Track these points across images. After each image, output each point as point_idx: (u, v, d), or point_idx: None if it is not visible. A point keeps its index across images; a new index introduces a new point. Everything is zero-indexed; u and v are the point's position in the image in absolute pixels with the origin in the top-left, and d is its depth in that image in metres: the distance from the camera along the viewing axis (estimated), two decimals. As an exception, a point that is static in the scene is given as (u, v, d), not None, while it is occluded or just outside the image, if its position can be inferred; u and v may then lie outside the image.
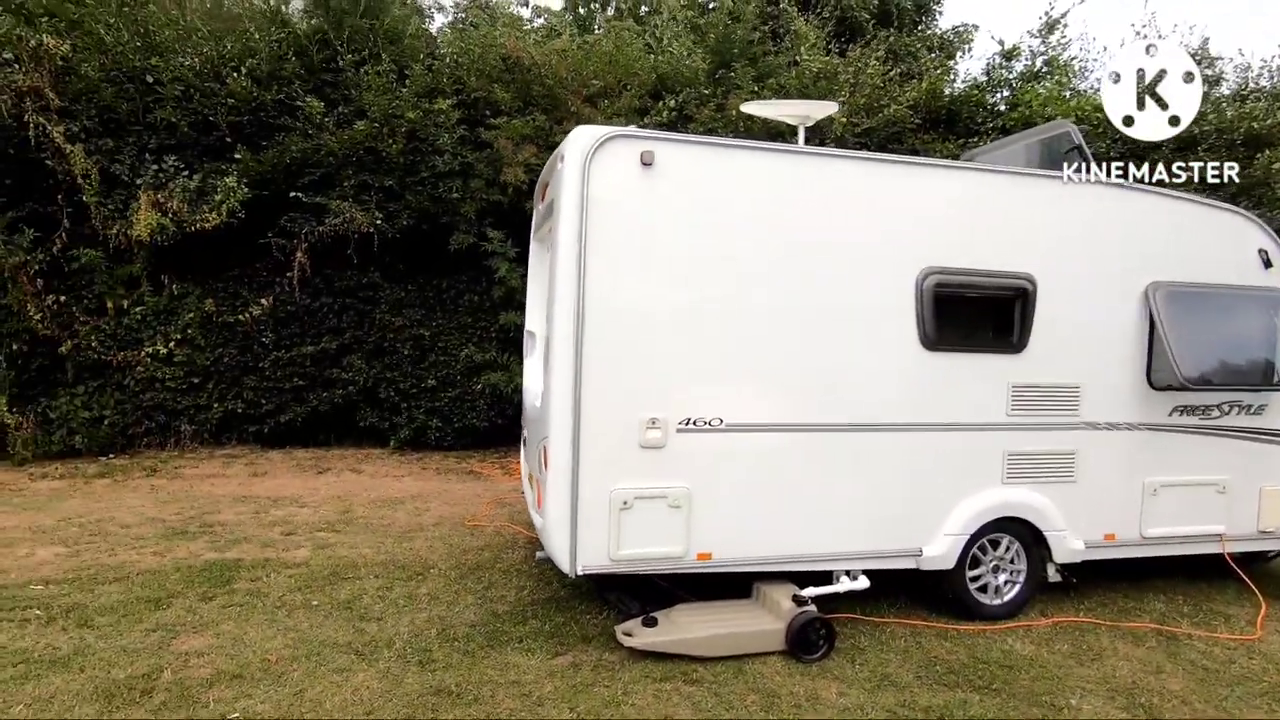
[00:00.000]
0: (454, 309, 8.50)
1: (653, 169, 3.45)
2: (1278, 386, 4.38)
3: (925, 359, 3.85)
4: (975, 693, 3.25)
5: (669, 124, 8.29)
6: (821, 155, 3.81)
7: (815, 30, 9.40)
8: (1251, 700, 3.28)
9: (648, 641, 3.45)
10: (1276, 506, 4.50)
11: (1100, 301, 4.16)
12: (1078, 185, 4.24)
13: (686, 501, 3.55)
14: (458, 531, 5.51)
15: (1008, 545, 4.12)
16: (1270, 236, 4.46)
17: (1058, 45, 9.56)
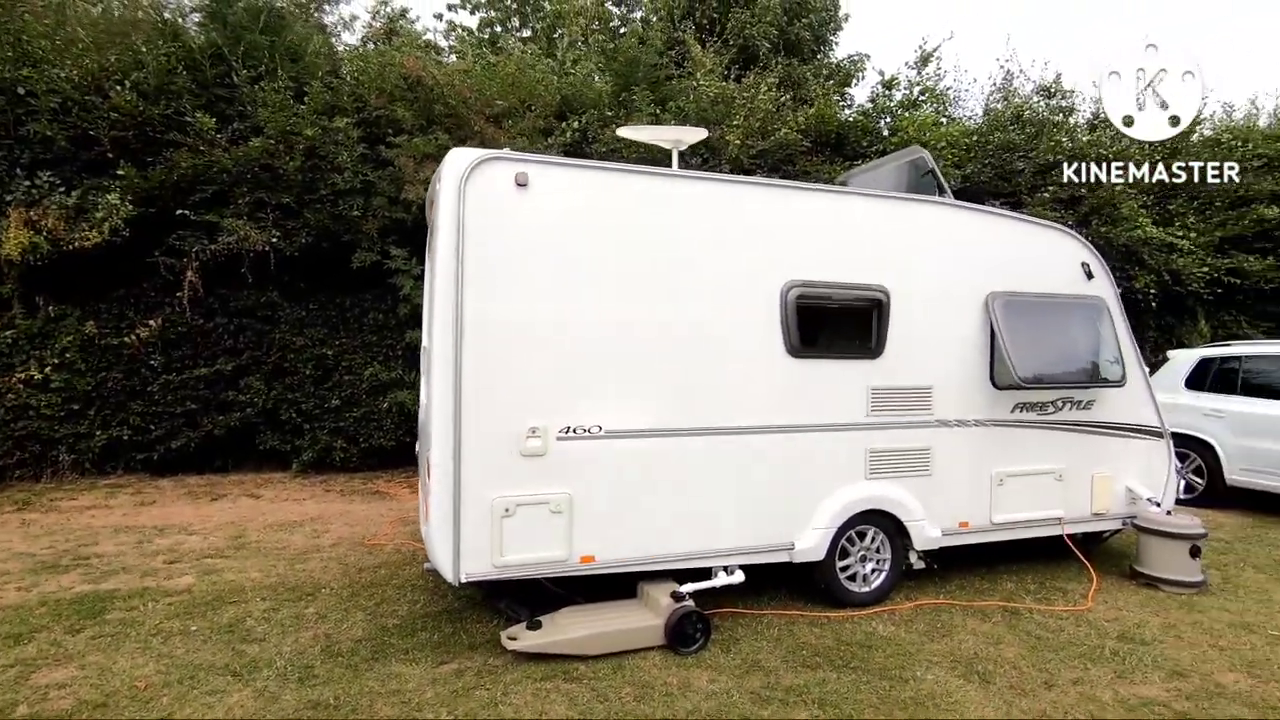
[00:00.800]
0: (358, 327, 8.39)
1: (527, 189, 3.62)
2: (1102, 383, 4.93)
3: (791, 365, 4.15)
4: (834, 671, 3.53)
5: (572, 144, 8.53)
6: (690, 177, 4.07)
7: (712, 57, 9.86)
8: (1070, 661, 3.69)
9: (531, 644, 3.56)
10: (1106, 491, 5.04)
11: (947, 310, 4.59)
12: (929, 204, 4.70)
13: (568, 507, 3.70)
14: (356, 551, 5.45)
15: (873, 536, 4.46)
16: (1091, 251, 5.04)
17: (932, 76, 10.37)
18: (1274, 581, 5.02)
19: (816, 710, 3.16)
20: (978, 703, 3.25)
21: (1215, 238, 9.93)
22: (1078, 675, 3.54)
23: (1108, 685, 3.44)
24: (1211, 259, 9.85)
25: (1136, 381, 5.10)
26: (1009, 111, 10.11)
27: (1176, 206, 10.05)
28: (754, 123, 8.94)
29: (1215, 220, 10.00)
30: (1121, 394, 5.03)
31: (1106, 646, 3.88)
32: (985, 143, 9.59)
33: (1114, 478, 5.07)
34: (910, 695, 3.31)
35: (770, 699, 3.25)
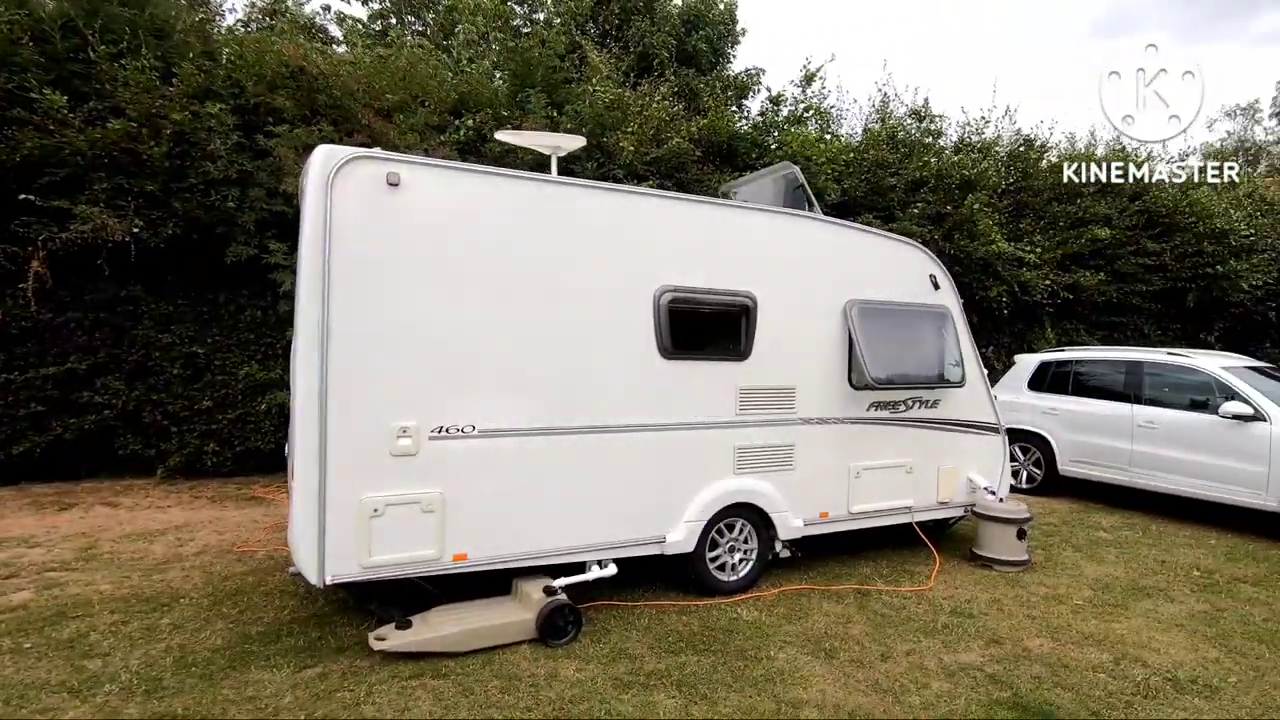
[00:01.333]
0: (234, 325, 7.96)
1: (400, 190, 3.63)
2: (946, 384, 5.45)
3: (663, 366, 4.35)
4: (695, 654, 3.74)
5: (466, 143, 8.46)
6: (566, 184, 4.18)
7: (608, 63, 10.03)
8: (907, 635, 4.09)
9: (400, 643, 3.57)
10: (950, 482, 5.57)
11: (810, 316, 4.95)
12: (794, 217, 5.03)
13: (440, 506, 3.73)
14: (223, 559, 5.21)
15: (740, 528, 4.74)
16: (938, 264, 5.55)
17: (816, 95, 11.00)
18: (1087, 559, 5.72)
19: (674, 691, 3.36)
20: (820, 675, 3.55)
21: (1058, 254, 11.08)
22: (910, 647, 3.93)
23: (934, 654, 3.84)
24: (1054, 273, 10.98)
25: (976, 383, 5.66)
26: (884, 132, 10.88)
27: (1025, 225, 11.13)
28: (648, 130, 9.18)
29: (1057, 239, 11.16)
30: (963, 394, 5.57)
31: (940, 621, 4.32)
32: (862, 160, 10.28)
33: (957, 469, 5.61)
34: (762, 672, 3.57)
35: (632, 684, 3.41)
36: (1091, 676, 3.63)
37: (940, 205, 10.37)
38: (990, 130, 11.81)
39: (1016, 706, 3.30)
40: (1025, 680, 3.57)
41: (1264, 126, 29.45)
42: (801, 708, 3.25)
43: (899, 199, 10.40)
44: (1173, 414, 7.09)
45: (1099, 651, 3.93)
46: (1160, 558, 5.79)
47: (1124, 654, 3.91)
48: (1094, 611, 4.54)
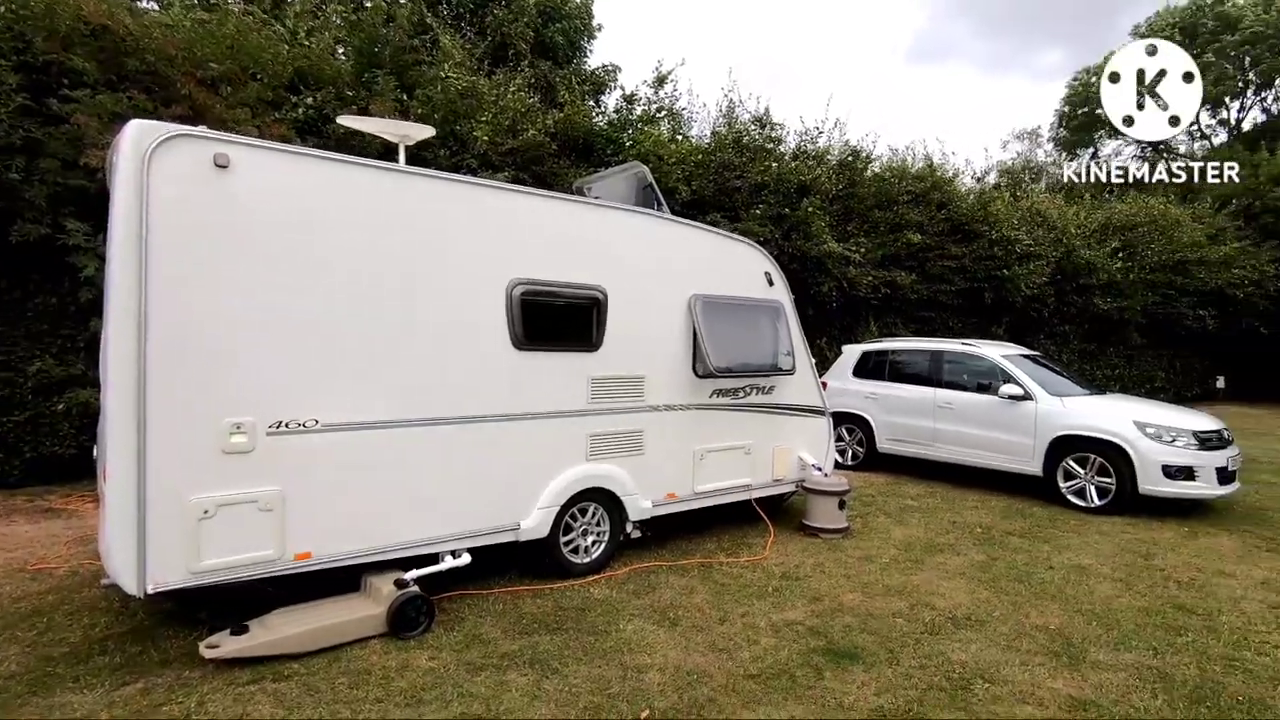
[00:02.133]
0: (19, 315, 6.95)
1: (229, 172, 3.42)
2: (780, 372, 5.98)
3: (517, 358, 4.44)
4: (548, 634, 3.90)
5: (306, 122, 7.96)
6: (415, 174, 4.14)
7: (462, 49, 9.82)
8: (743, 600, 4.50)
9: (235, 649, 3.40)
10: (783, 460, 6.14)
11: (657, 309, 5.24)
12: (643, 215, 5.29)
13: (280, 504, 3.58)
14: (13, 579, 4.61)
15: (593, 511, 4.94)
16: (772, 263, 6.07)
17: (668, 97, 11.47)
18: (895, 524, 6.53)
19: (527, 669, 3.49)
20: (664, 642, 3.84)
21: (878, 255, 12.37)
22: (745, 610, 4.33)
23: (765, 615, 4.27)
24: (875, 272, 12.26)
25: (805, 371, 6.27)
26: (730, 136, 11.55)
27: (852, 227, 12.31)
28: (504, 121, 9.12)
29: (878, 241, 12.45)
30: (794, 381, 6.15)
31: (771, 585, 4.78)
32: (710, 162, 10.87)
33: (789, 449, 6.19)
34: (610, 644, 3.79)
35: (485, 666, 3.50)
36: (891, 621, 4.21)
37: (780, 207, 11.20)
38: (823, 140, 12.90)
39: (829, 652, 3.78)
40: (838, 630, 4.08)
41: (1044, 150, 34.37)
42: (646, 672, 3.50)
43: (743, 200, 11.11)
44: (965, 396, 8.23)
45: (898, 600, 4.56)
46: (953, 519, 6.74)
47: (918, 601, 4.56)
48: (897, 568, 5.23)
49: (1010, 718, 3.19)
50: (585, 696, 3.26)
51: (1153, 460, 6.77)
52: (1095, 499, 7.05)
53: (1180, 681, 3.56)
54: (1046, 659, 3.77)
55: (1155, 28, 30.88)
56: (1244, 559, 5.62)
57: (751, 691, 3.35)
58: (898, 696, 3.34)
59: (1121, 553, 5.71)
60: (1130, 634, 4.12)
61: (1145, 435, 6.86)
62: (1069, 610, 4.46)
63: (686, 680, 3.43)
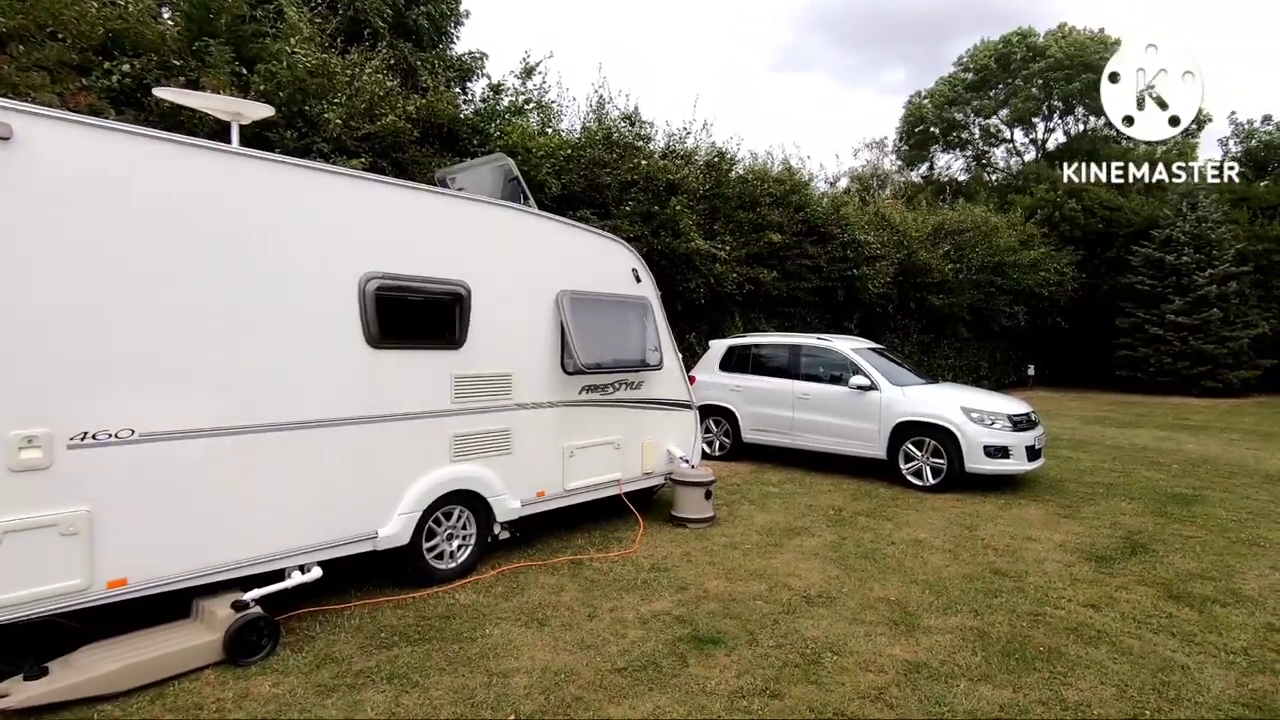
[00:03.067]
0: None
1: (11, 145, 2.95)
2: (648, 367, 6.08)
3: (371, 356, 4.19)
4: (409, 646, 3.72)
5: (122, 92, 7.06)
6: (254, 156, 3.78)
7: (310, 23, 9.12)
8: (612, 594, 4.54)
9: (32, 696, 2.96)
10: (652, 454, 6.25)
11: (524, 305, 5.15)
12: (509, 209, 5.17)
13: (87, 526, 3.16)
14: None
15: (459, 514, 4.78)
16: (639, 259, 6.15)
17: (537, 89, 11.30)
18: (758, 510, 6.86)
19: (385, 685, 3.31)
20: (532, 644, 3.79)
21: (743, 253, 12.92)
22: (614, 604, 4.37)
23: (633, 607, 4.33)
24: (740, 269, 12.80)
25: (672, 366, 6.42)
26: (600, 131, 11.58)
27: (718, 226, 12.77)
28: (359, 103, 8.57)
29: (742, 240, 13.01)
30: (662, 376, 6.27)
31: (640, 578, 4.86)
32: (580, 156, 10.84)
33: (658, 443, 6.31)
34: (476, 651, 3.69)
35: (338, 687, 3.29)
36: (751, 604, 4.42)
37: (649, 205, 11.39)
38: (691, 140, 13.26)
39: (694, 639, 3.89)
40: (703, 616, 4.21)
41: (890, 159, 37.49)
42: (512, 676, 3.44)
43: (614, 196, 11.18)
44: (820, 387, 8.79)
45: (759, 584, 4.79)
46: (810, 503, 7.18)
47: (777, 583, 4.82)
48: (758, 552, 5.50)
49: (854, 686, 3.44)
50: (447, 708, 3.14)
51: (976, 442, 7.57)
52: (930, 478, 7.78)
53: (995, 638, 4.01)
54: (887, 629, 4.11)
55: (976, 58, 34.64)
56: (1046, 525, 6.43)
57: (618, 685, 3.38)
58: (756, 676, 3.50)
59: (951, 526, 6.35)
60: (956, 599, 4.58)
61: (970, 420, 7.67)
62: (906, 581, 4.89)
63: (553, 680, 3.40)
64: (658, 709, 3.19)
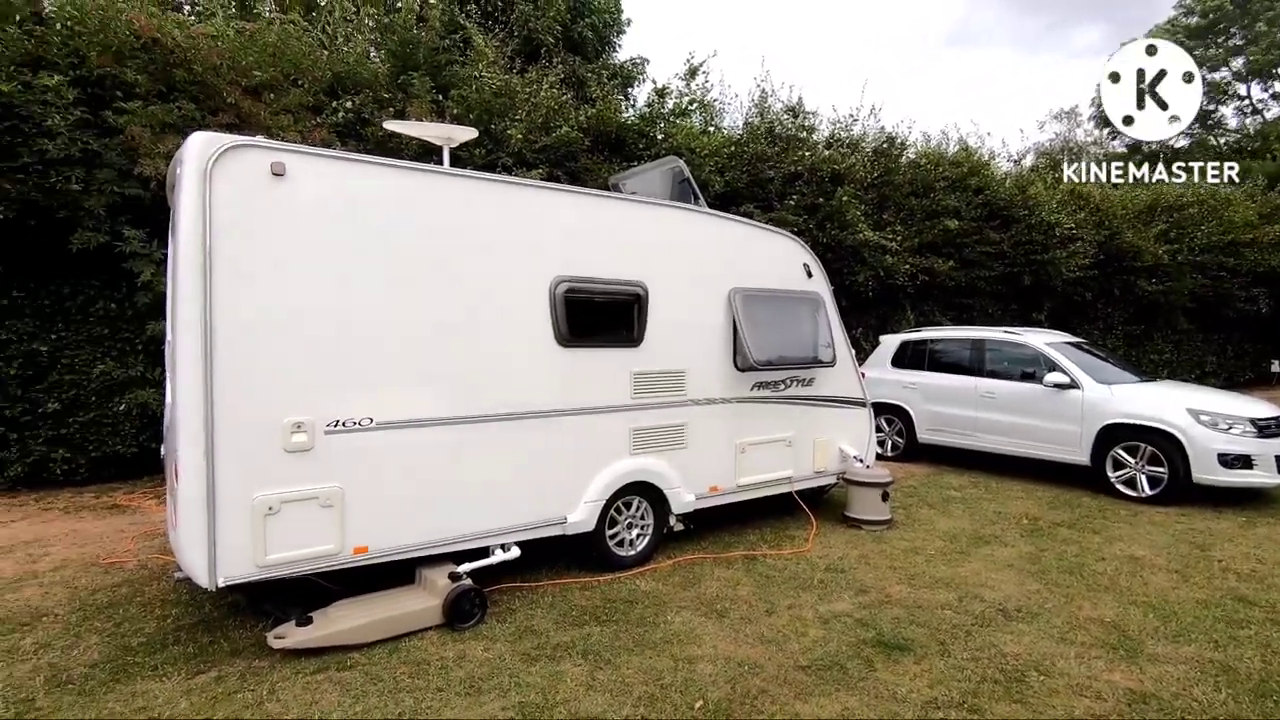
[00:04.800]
0: (82, 319, 7.25)
1: (285, 180, 3.53)
2: (820, 364, 5.95)
3: (560, 354, 4.51)
4: (598, 625, 3.97)
5: (345, 125, 8.12)
6: (459, 176, 4.22)
7: (494, 48, 9.90)
8: (788, 592, 4.52)
9: (300, 640, 3.54)
10: (824, 453, 6.11)
11: (697, 303, 5.26)
12: (682, 210, 5.31)
13: (339, 500, 3.71)
14: (88, 573, 4.84)
15: (637, 505, 5.00)
16: (810, 253, 6.03)
17: (700, 89, 11.40)
18: (940, 515, 6.47)
19: (580, 659, 3.56)
20: (713, 634, 3.88)
21: (915, 243, 12.17)
22: (791, 601, 4.35)
23: (811, 606, 4.28)
24: (912, 259, 12.07)
25: (845, 362, 6.23)
26: (763, 126, 11.46)
27: (888, 215, 12.13)
28: (537, 118, 9.18)
29: (915, 229, 12.25)
30: (834, 373, 6.11)
31: (816, 577, 4.79)
32: (743, 153, 10.80)
33: (830, 441, 6.16)
34: (660, 636, 3.85)
35: (539, 657, 3.59)
36: (940, 613, 4.19)
37: (814, 197, 11.09)
38: (858, 128, 12.71)
39: (879, 644, 3.77)
40: (887, 621, 4.07)
41: (1084, 129, 33.36)
42: (697, 662, 3.55)
43: (777, 190, 11.02)
44: (1008, 384, 8.09)
45: (946, 592, 4.53)
46: (998, 510, 6.65)
47: (966, 592, 4.53)
48: (944, 559, 5.19)
49: (1068, 710, 3.16)
50: (639, 687, 3.32)
51: (1207, 449, 6.57)
52: (1146, 488, 6.88)
53: (1244, 675, 3.48)
54: (1103, 651, 3.72)
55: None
56: (1307, 549, 5.45)
57: (803, 683, 3.37)
58: (951, 688, 3.33)
59: (1176, 543, 5.58)
60: (1189, 626, 4.03)
61: (1199, 423, 6.67)
62: (1123, 602, 4.39)
63: (738, 671, 3.47)
64: (846, 710, 3.15)
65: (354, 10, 10.67)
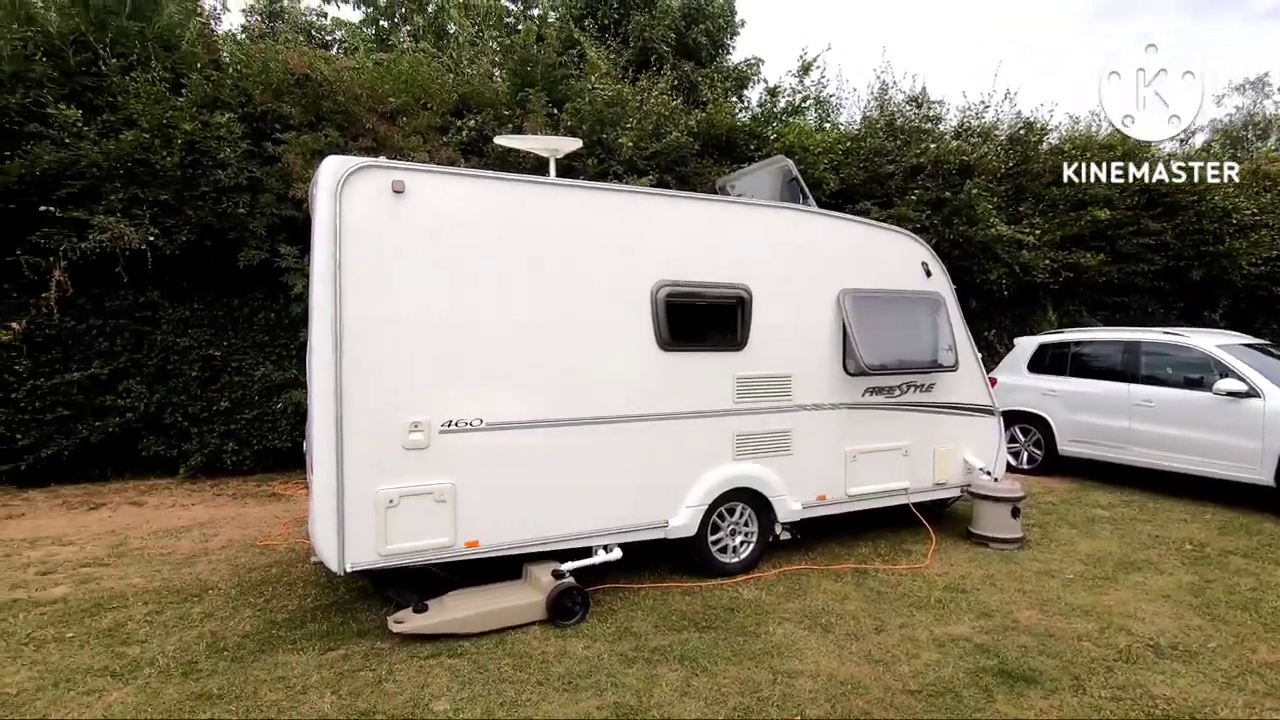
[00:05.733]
0: (248, 327, 8.20)
1: (405, 196, 3.81)
2: (941, 368, 5.58)
3: (662, 358, 4.53)
4: (697, 631, 3.93)
5: (468, 143, 8.63)
6: (563, 185, 4.35)
7: (606, 60, 10.15)
8: (901, 610, 4.26)
9: (417, 625, 3.78)
10: (946, 463, 5.72)
11: (804, 305, 5.10)
12: (785, 210, 5.18)
13: (452, 496, 3.93)
14: (247, 553, 5.45)
15: (741, 511, 4.91)
16: (929, 251, 5.68)
17: (814, 85, 11.08)
18: (1082, 536, 5.86)
19: (677, 665, 3.55)
20: (816, 648, 3.74)
21: (1057, 236, 11.13)
22: (904, 620, 4.10)
23: (926, 627, 4.01)
24: (1054, 254, 11.04)
25: (970, 366, 5.80)
26: (882, 120, 10.94)
27: (1025, 208, 11.18)
28: (647, 125, 9.30)
29: (1057, 221, 11.20)
30: (957, 378, 5.71)
31: (933, 596, 4.48)
32: (859, 148, 10.36)
33: (952, 451, 5.76)
34: (760, 647, 3.75)
35: (637, 659, 3.61)
36: (1076, 645, 3.79)
37: (939, 191, 10.44)
38: (990, 115, 11.83)
39: (1002, 673, 3.47)
40: (1012, 649, 3.73)
41: (1274, 100, 29.05)
42: (797, 678, 3.43)
43: (897, 186, 10.48)
44: (1169, 392, 7.19)
45: (1086, 622, 4.09)
46: (1154, 533, 5.92)
47: (1110, 623, 4.06)
48: (1084, 585, 4.69)
49: (1231, 767, 2.75)
50: (734, 697, 3.25)
51: None
52: (1350, 516, 5.87)
53: None
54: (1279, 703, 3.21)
55: None
56: None
57: (911, 708, 3.17)
58: (1085, 729, 3.00)
59: (1388, 582, 4.71)
60: (1401, 682, 3.39)
61: None
62: (1312, 647, 3.76)
63: (840, 690, 3.32)
64: (959, 742, 2.92)
65: (478, 34, 11.35)
